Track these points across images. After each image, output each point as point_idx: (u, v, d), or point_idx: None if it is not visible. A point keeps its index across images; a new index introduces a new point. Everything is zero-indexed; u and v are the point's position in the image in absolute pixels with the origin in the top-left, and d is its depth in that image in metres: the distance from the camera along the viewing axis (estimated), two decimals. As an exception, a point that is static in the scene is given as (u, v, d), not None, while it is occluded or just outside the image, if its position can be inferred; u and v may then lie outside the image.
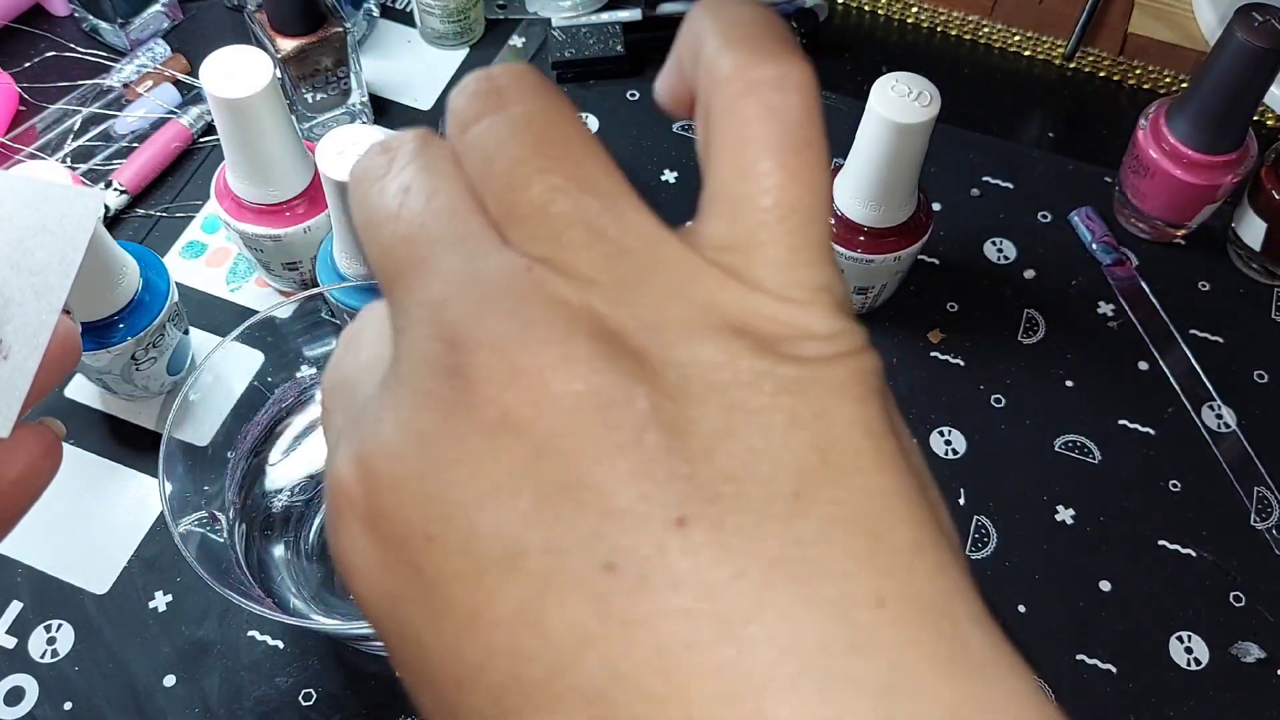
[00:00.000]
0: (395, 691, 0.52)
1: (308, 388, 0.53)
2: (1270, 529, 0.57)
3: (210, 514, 0.48)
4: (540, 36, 0.74)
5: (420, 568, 0.16)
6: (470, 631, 0.15)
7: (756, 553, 0.15)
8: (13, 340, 0.28)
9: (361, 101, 0.68)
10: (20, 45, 0.73)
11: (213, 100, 0.52)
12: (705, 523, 0.15)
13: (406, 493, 0.16)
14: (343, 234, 0.53)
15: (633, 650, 0.14)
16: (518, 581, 0.15)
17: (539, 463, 0.15)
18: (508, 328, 0.16)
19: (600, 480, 0.15)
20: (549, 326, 0.16)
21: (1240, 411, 0.61)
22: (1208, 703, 0.53)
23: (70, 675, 0.52)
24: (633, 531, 0.15)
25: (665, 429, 0.15)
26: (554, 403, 0.15)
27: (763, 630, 0.14)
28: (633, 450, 0.15)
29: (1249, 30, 0.55)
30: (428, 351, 0.16)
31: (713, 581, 0.14)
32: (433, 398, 0.16)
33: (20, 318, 0.28)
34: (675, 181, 0.69)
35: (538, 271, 0.16)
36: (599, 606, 0.15)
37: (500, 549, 0.15)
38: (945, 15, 0.76)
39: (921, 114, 0.51)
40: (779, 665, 0.14)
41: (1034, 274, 0.66)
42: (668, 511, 0.15)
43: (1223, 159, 0.61)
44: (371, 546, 0.17)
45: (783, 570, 0.15)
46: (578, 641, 0.15)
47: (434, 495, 0.16)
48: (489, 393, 0.16)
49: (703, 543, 0.15)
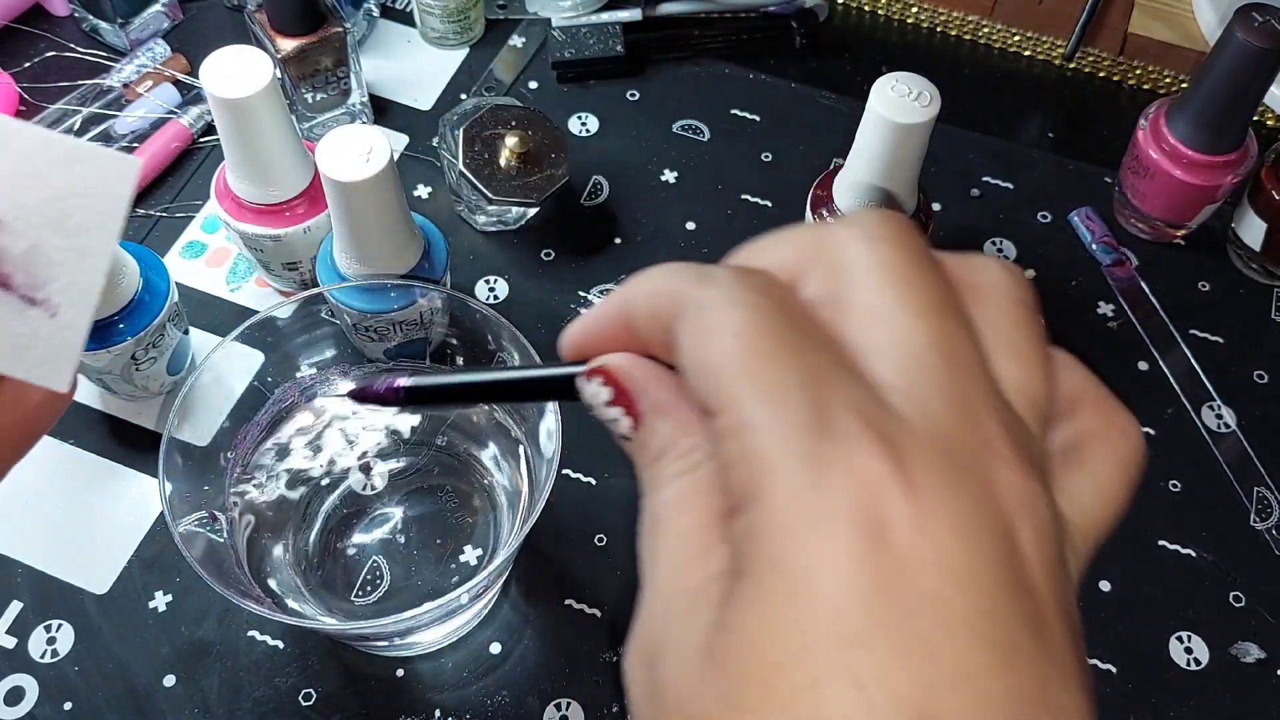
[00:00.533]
0: (395, 691, 0.52)
1: (308, 387, 0.53)
2: (1270, 529, 0.57)
3: (210, 514, 0.48)
4: (540, 36, 0.74)
5: None
6: None
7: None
8: (60, 299, 0.29)
9: (361, 101, 0.68)
10: (20, 45, 0.73)
11: (213, 100, 0.52)
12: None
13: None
14: (343, 234, 0.53)
15: None
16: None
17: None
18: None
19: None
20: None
21: (1240, 411, 0.61)
22: (1208, 703, 0.53)
23: (70, 675, 0.52)
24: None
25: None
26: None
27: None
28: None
29: (1249, 30, 0.55)
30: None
31: None
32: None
33: (65, 278, 0.29)
34: (675, 181, 0.69)
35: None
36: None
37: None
38: (945, 15, 0.76)
39: (921, 114, 0.51)
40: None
41: (1034, 274, 0.66)
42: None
43: (1223, 159, 0.61)
44: None
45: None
46: None
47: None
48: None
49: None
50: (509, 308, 0.63)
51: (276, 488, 0.52)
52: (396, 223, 0.53)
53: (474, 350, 0.52)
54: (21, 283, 0.29)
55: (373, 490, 0.54)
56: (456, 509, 0.53)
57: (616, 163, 0.69)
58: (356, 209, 0.51)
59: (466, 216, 0.66)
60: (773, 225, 0.69)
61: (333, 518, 0.53)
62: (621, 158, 0.70)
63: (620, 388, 0.23)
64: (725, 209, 0.67)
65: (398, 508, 0.54)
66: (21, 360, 0.29)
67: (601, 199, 0.68)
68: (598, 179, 0.69)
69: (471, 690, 0.52)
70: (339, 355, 0.54)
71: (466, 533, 0.53)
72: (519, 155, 0.61)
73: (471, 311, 0.50)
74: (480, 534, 0.53)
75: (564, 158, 0.62)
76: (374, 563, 0.52)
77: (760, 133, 0.71)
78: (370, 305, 0.52)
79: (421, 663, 0.53)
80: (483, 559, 0.52)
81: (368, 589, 0.52)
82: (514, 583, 0.55)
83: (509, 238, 0.66)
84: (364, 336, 0.54)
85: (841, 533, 0.18)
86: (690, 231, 0.66)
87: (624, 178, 0.69)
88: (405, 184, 0.66)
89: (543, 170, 0.61)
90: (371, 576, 0.52)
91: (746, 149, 0.70)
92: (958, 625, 0.18)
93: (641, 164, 0.69)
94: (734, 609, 0.19)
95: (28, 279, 0.29)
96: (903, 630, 0.17)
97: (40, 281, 0.29)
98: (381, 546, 0.53)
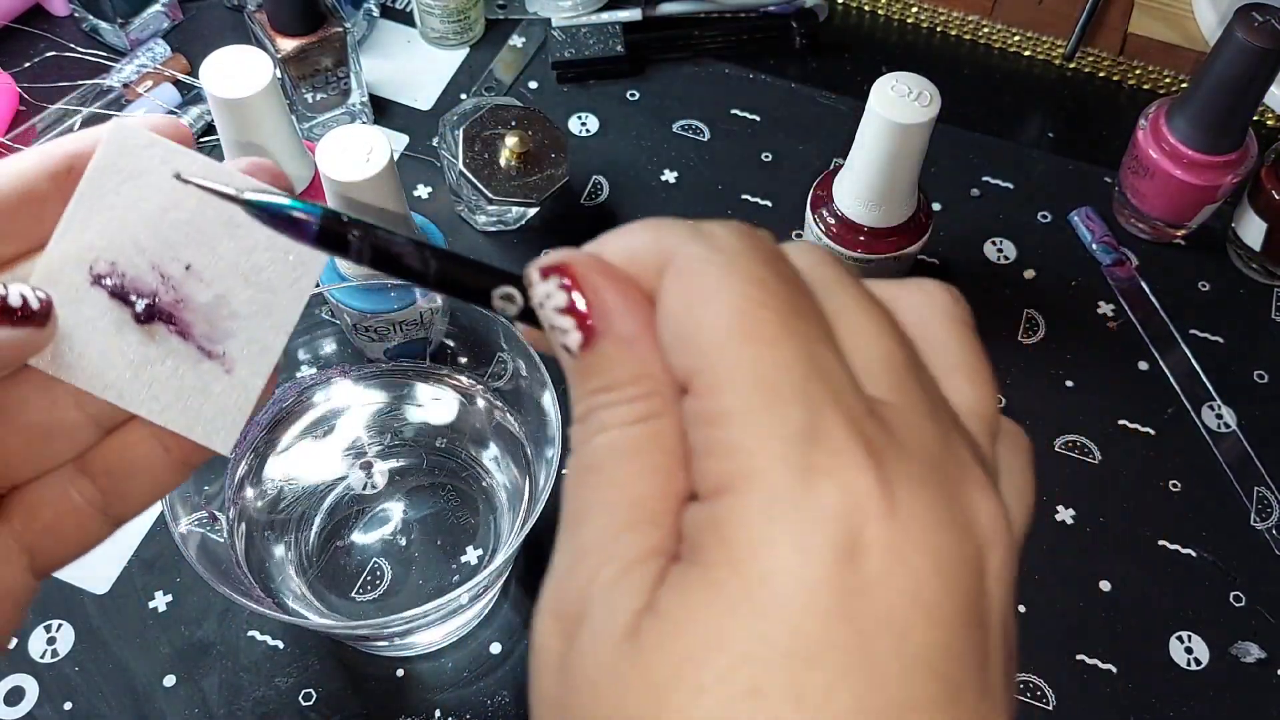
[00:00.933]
0: (395, 691, 0.52)
1: (308, 388, 0.53)
2: (1270, 529, 0.57)
3: (210, 514, 0.48)
4: (540, 36, 0.74)
5: None
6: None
7: None
8: (237, 356, 0.28)
9: (361, 101, 0.68)
10: (20, 45, 0.73)
11: (213, 100, 0.52)
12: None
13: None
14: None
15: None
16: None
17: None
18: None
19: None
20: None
21: (1240, 411, 0.61)
22: (1208, 703, 0.53)
23: (70, 675, 0.52)
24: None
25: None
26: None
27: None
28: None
29: (1249, 30, 0.55)
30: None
31: None
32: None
33: (246, 333, 0.28)
34: (675, 181, 0.69)
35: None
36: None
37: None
38: (945, 15, 0.76)
39: (921, 114, 0.51)
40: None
41: (1034, 274, 0.66)
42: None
43: (1223, 159, 0.61)
44: None
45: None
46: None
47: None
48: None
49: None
50: (509, 308, 0.63)
51: (277, 487, 0.52)
52: (396, 223, 0.53)
53: (474, 350, 0.52)
54: (202, 333, 0.28)
55: (373, 490, 0.54)
56: (456, 509, 0.53)
57: (616, 163, 0.69)
58: (357, 209, 0.51)
59: (466, 216, 0.66)
60: (773, 225, 0.69)
61: (333, 518, 0.53)
62: (621, 158, 0.70)
63: (583, 294, 0.20)
64: (725, 209, 0.67)
65: (398, 507, 0.54)
66: (188, 416, 0.28)
67: (601, 199, 0.68)
68: (598, 179, 0.69)
69: (471, 690, 0.52)
70: (339, 355, 0.54)
71: (467, 533, 0.53)
72: (519, 155, 0.61)
73: (471, 311, 0.50)
74: (480, 534, 0.53)
75: (564, 158, 0.62)
76: (374, 563, 0.52)
77: (760, 133, 0.71)
78: (370, 305, 0.52)
79: (421, 663, 0.53)
80: (483, 559, 0.52)
81: (368, 589, 0.52)
82: (514, 583, 0.55)
83: (509, 238, 0.66)
84: (364, 336, 0.54)
85: (817, 546, 0.17)
86: (690, 231, 0.66)
87: (624, 178, 0.69)
88: (405, 184, 0.66)
89: (543, 170, 0.61)
90: (371, 576, 0.52)
91: (746, 149, 0.70)
92: (913, 657, 0.17)
93: (641, 164, 0.69)
94: (672, 596, 0.18)
95: (209, 330, 0.28)
96: (857, 655, 0.17)
97: (221, 335, 0.28)
98: (381, 546, 0.53)
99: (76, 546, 0.28)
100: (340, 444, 0.54)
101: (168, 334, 0.27)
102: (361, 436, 0.54)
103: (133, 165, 0.27)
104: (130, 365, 0.27)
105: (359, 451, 0.54)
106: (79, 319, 0.27)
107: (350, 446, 0.54)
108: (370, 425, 0.54)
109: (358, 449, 0.54)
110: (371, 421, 0.54)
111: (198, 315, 0.27)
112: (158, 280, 0.27)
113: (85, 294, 0.27)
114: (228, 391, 0.28)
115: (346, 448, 0.54)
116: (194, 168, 0.26)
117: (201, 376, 0.28)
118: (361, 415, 0.54)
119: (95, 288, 0.27)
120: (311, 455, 0.53)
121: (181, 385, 0.28)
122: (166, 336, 0.27)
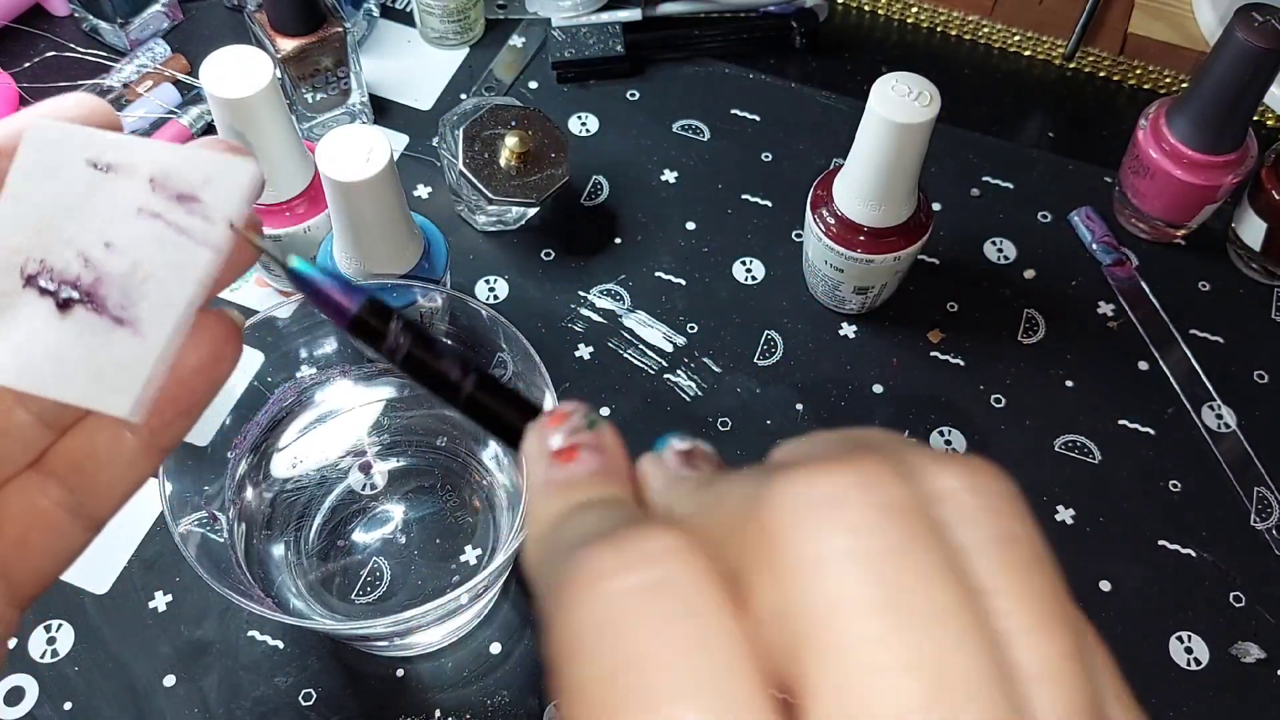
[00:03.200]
0: (395, 691, 0.52)
1: (307, 388, 0.53)
2: (1270, 529, 0.57)
3: (210, 514, 0.48)
4: (540, 36, 0.74)
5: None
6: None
7: None
8: (144, 317, 0.26)
9: (361, 101, 0.68)
10: (20, 45, 0.73)
11: (213, 100, 0.52)
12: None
13: None
14: (343, 234, 0.53)
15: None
16: None
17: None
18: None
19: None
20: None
21: (1240, 411, 0.61)
22: (1208, 703, 0.53)
23: (70, 675, 0.52)
24: None
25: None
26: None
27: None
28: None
29: (1249, 30, 0.55)
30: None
31: None
32: None
33: (157, 294, 0.27)
34: (675, 181, 0.69)
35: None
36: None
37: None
38: (945, 15, 0.76)
39: (921, 114, 0.51)
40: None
41: (1034, 274, 0.66)
42: None
43: (1223, 159, 0.61)
44: None
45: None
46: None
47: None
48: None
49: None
50: (509, 308, 0.63)
51: (276, 487, 0.52)
52: (396, 223, 0.53)
53: (474, 350, 0.52)
54: (115, 303, 0.26)
55: (373, 490, 0.54)
56: (456, 509, 0.53)
57: (616, 163, 0.69)
58: (356, 209, 0.51)
59: (466, 216, 0.66)
60: (773, 225, 0.69)
61: (333, 518, 0.53)
62: (621, 158, 0.70)
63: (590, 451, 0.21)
64: (725, 209, 0.67)
65: (398, 507, 0.54)
66: (88, 385, 0.26)
67: (601, 199, 0.68)
68: (598, 179, 0.69)
69: (471, 690, 0.52)
70: (339, 355, 0.54)
71: (466, 533, 0.53)
72: (519, 155, 0.61)
73: (471, 311, 0.50)
74: (480, 534, 0.53)
75: (564, 158, 0.62)
76: (374, 563, 0.52)
77: (760, 133, 0.71)
78: (370, 305, 0.52)
79: (421, 663, 0.53)
80: (483, 559, 0.52)
81: (368, 589, 0.52)
82: (514, 583, 0.55)
83: (509, 238, 0.66)
84: (364, 336, 0.54)
85: None
86: (690, 231, 0.66)
87: (624, 178, 0.69)
88: (405, 184, 0.66)
89: (543, 170, 0.61)
90: (371, 576, 0.52)
91: (746, 149, 0.70)
92: None
93: (641, 164, 0.69)
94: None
95: (121, 299, 0.26)
96: None
97: (133, 300, 0.27)
98: (381, 546, 0.53)
99: (54, 558, 0.27)
100: (340, 444, 0.54)
101: (85, 314, 0.27)
102: (361, 436, 0.54)
103: (52, 160, 0.27)
104: (48, 353, 0.26)
105: (359, 451, 0.54)
106: (11, 324, 0.26)
107: (350, 447, 0.54)
108: (370, 425, 0.54)
109: (358, 449, 0.54)
110: (371, 421, 0.54)
111: (112, 286, 0.27)
112: (80, 264, 0.27)
113: (18, 298, 0.26)
114: (136, 355, 0.26)
115: (346, 448, 0.54)
116: (109, 146, 0.27)
117: (112, 346, 0.26)
118: (361, 415, 0.54)
119: (27, 289, 0.26)
120: (311, 455, 0.53)
121: (93, 359, 0.26)
122: (84, 315, 0.27)
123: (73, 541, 0.27)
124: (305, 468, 0.53)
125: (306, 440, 0.53)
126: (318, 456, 0.53)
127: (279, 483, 0.52)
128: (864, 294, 0.61)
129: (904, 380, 0.62)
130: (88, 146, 0.27)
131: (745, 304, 0.64)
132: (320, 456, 0.53)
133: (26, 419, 0.26)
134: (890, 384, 0.61)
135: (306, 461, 0.53)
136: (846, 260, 0.58)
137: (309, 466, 0.53)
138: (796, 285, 0.64)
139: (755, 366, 0.62)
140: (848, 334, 0.63)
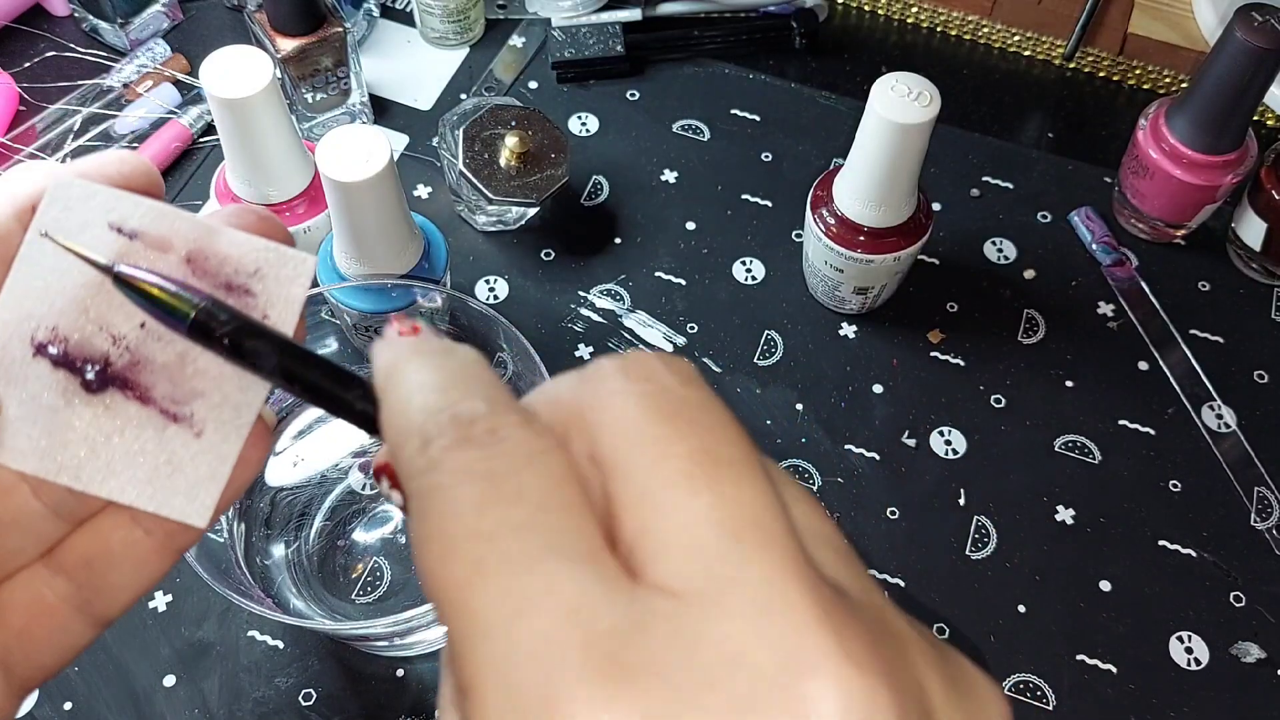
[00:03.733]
0: (395, 691, 0.52)
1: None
2: (1270, 529, 0.57)
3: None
4: (540, 36, 0.74)
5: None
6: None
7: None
8: (206, 417, 0.25)
9: (361, 101, 0.68)
10: (20, 45, 0.73)
11: (213, 100, 0.52)
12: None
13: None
14: (343, 234, 0.53)
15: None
16: None
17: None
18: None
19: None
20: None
21: (1240, 411, 0.61)
22: (1208, 703, 0.53)
23: (70, 675, 0.52)
24: None
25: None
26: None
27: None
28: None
29: (1249, 30, 0.55)
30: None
31: None
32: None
33: (217, 391, 0.25)
34: (675, 181, 0.69)
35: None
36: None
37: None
38: (945, 15, 0.76)
39: (921, 114, 0.51)
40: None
41: (1034, 274, 0.66)
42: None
43: (1223, 159, 0.61)
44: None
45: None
46: None
47: None
48: None
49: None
50: (509, 308, 0.63)
51: (277, 487, 0.52)
52: (396, 223, 0.53)
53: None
54: (164, 396, 0.25)
55: (373, 490, 0.54)
56: (456, 509, 0.53)
57: (616, 163, 0.69)
58: (356, 209, 0.51)
59: (466, 216, 0.66)
60: (773, 225, 0.69)
61: (333, 517, 0.53)
62: (621, 158, 0.70)
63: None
64: (725, 209, 0.67)
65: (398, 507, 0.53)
66: (155, 491, 0.25)
67: (601, 199, 0.68)
68: (598, 179, 0.69)
69: (471, 690, 0.52)
70: (339, 355, 0.54)
71: (466, 533, 0.53)
72: (519, 155, 0.61)
73: (471, 311, 0.50)
74: (480, 534, 0.53)
75: (564, 158, 0.62)
76: (374, 563, 0.52)
77: (760, 133, 0.71)
78: (370, 305, 0.52)
79: (421, 663, 0.53)
80: (483, 559, 0.52)
81: (368, 589, 0.52)
82: (514, 583, 0.55)
83: (509, 238, 0.66)
84: (364, 336, 0.54)
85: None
86: (690, 231, 0.66)
87: (624, 178, 0.69)
88: (405, 184, 0.66)
89: (543, 170, 0.61)
90: (371, 576, 0.52)
91: (746, 149, 0.70)
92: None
93: (641, 164, 0.69)
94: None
95: (172, 391, 0.25)
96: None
97: (187, 395, 0.25)
98: (381, 546, 0.53)
99: (56, 653, 0.26)
100: (340, 444, 0.54)
101: (125, 401, 0.25)
102: (362, 436, 0.54)
103: (73, 221, 0.24)
104: (84, 442, 0.24)
105: (359, 451, 0.54)
106: (22, 397, 0.24)
107: (350, 446, 0.54)
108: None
109: (358, 449, 0.54)
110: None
111: (158, 376, 0.25)
112: (108, 342, 0.24)
113: (27, 368, 0.24)
114: (199, 458, 0.25)
115: (346, 448, 0.54)
116: (138, 212, 0.24)
117: (167, 444, 0.25)
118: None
119: (38, 358, 0.24)
120: (312, 455, 0.53)
121: (145, 457, 0.25)
122: (124, 404, 0.25)
123: (77, 638, 0.26)
124: (305, 468, 0.53)
125: (307, 440, 0.53)
126: (318, 457, 0.53)
127: (279, 482, 0.52)
128: (864, 294, 0.61)
129: (904, 380, 0.62)
130: (112, 209, 0.24)
131: (745, 304, 0.64)
132: (321, 457, 0.53)
133: (39, 510, 0.25)
134: (890, 384, 0.61)
135: (307, 462, 0.53)
136: (846, 260, 0.58)
137: (309, 467, 0.53)
138: (796, 285, 0.64)
139: (755, 367, 0.62)
140: (848, 334, 0.63)
